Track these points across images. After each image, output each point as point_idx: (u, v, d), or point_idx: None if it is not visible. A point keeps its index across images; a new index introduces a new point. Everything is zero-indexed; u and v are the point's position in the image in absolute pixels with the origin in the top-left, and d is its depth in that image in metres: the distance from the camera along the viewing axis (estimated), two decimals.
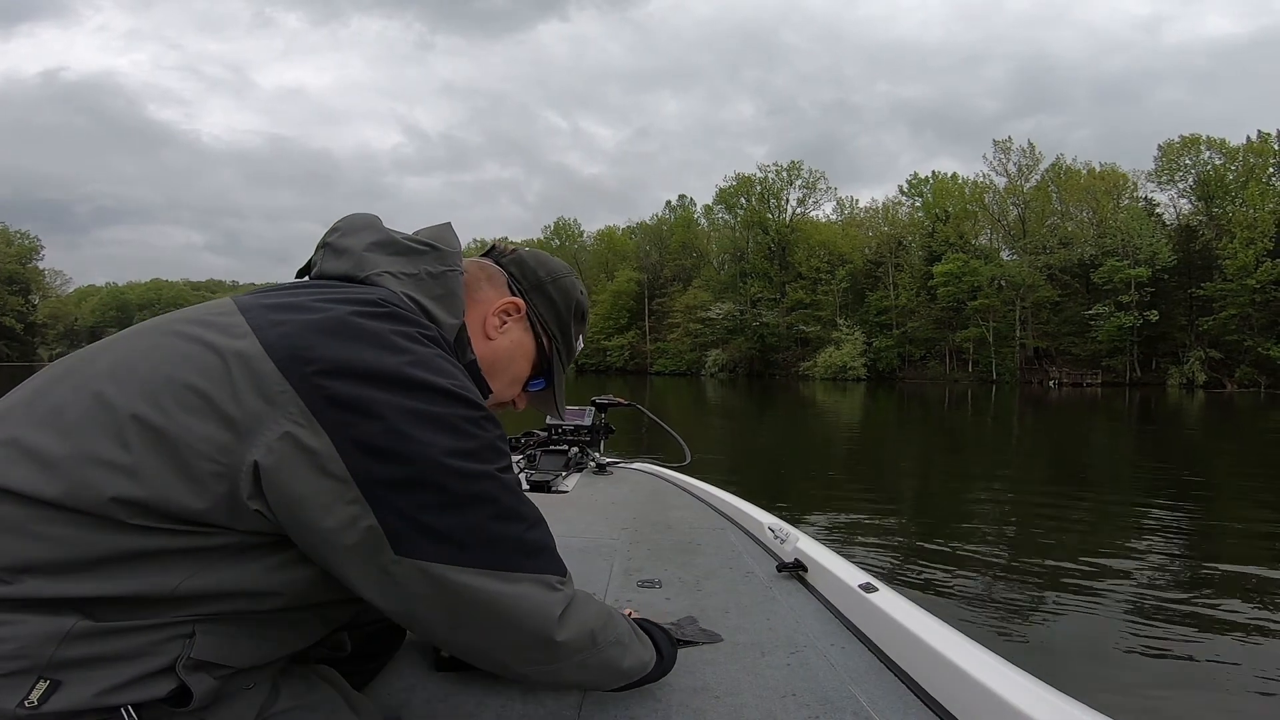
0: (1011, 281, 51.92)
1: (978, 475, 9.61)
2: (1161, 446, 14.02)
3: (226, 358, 0.72)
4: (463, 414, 0.76)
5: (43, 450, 0.69)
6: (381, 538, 0.71)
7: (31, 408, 0.74)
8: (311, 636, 0.84)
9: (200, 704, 0.72)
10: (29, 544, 0.67)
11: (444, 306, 0.90)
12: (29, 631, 0.65)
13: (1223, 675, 3.17)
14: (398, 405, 0.72)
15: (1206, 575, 4.67)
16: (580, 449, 3.11)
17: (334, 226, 0.97)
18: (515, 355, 1.06)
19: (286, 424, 0.69)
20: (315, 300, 0.79)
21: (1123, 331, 47.46)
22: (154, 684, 0.70)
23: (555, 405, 1.15)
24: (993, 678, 0.95)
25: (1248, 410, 25.56)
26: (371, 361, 0.73)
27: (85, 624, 0.67)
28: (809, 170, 66.47)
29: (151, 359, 0.74)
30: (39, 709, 0.65)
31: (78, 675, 0.67)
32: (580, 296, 1.13)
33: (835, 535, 5.63)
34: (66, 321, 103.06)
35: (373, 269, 0.89)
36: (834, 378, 54.23)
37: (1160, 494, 7.82)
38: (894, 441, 14.89)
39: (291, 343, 0.72)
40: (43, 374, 0.79)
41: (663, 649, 1.08)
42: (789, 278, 63.09)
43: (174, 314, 0.83)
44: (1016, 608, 4.03)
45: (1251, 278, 43.08)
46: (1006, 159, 55.91)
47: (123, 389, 0.72)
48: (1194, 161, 50.37)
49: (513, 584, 0.77)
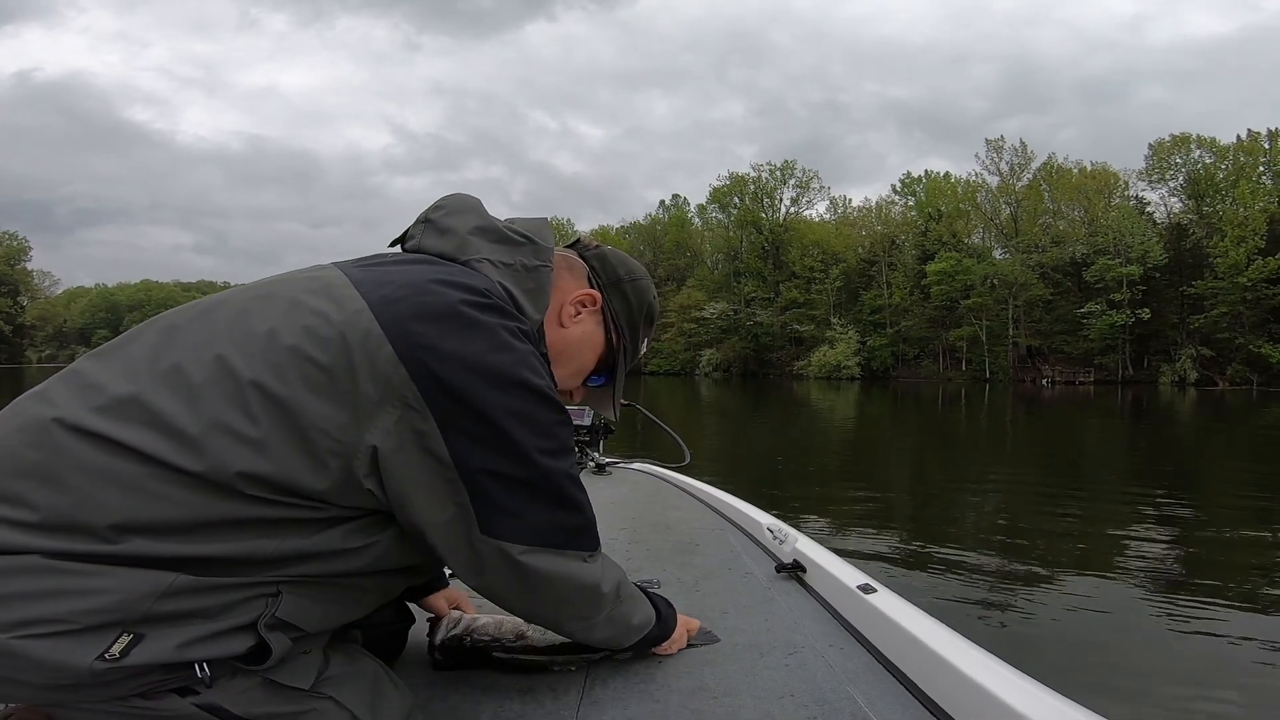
0: (1004, 280, 52.12)
1: (974, 475, 9.63)
2: (1155, 444, 14.09)
3: (347, 334, 0.75)
4: (552, 416, 0.84)
5: (170, 414, 0.71)
6: (472, 517, 0.80)
7: (154, 365, 0.75)
8: (370, 605, 0.90)
9: (273, 663, 0.76)
10: (143, 503, 0.69)
11: (532, 300, 0.92)
12: (129, 585, 0.67)
13: (1222, 674, 3.18)
14: (501, 402, 0.79)
15: (1202, 574, 4.68)
16: (580, 449, 3.12)
17: (437, 204, 0.98)
18: (584, 346, 1.08)
19: (402, 409, 0.75)
20: (426, 280, 0.82)
21: (1115, 330, 47.74)
22: (234, 640, 0.73)
23: (612, 403, 1.17)
24: (990, 678, 0.96)
25: (1239, 408, 25.71)
26: (482, 355, 0.78)
27: (185, 579, 0.70)
28: (802, 169, 66.88)
29: (270, 323, 0.77)
30: (120, 661, 0.67)
31: (164, 629, 0.69)
32: (653, 300, 1.15)
33: (833, 535, 5.63)
34: (55, 323, 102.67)
35: (474, 253, 0.91)
36: (828, 377, 54.35)
37: (1154, 493, 7.85)
38: (890, 441, 14.91)
39: (407, 327, 0.76)
40: (152, 327, 0.81)
41: (660, 608, 1.16)
42: (783, 277, 63.29)
43: (282, 276, 0.87)
44: (1015, 608, 4.03)
45: (1242, 276, 43.37)
46: (999, 158, 56.28)
47: (245, 355, 0.75)
48: (1184, 160, 50.73)
49: (568, 560, 0.89)
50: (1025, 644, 3.53)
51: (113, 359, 0.78)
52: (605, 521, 2.18)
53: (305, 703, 0.81)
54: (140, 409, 0.72)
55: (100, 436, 0.70)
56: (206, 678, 0.72)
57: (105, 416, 0.71)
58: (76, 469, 0.69)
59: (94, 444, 0.70)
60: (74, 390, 0.75)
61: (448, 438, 0.77)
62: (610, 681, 1.13)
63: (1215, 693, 3.00)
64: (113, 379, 0.75)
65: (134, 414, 0.71)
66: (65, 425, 0.71)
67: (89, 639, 0.66)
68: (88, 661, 0.66)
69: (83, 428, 0.71)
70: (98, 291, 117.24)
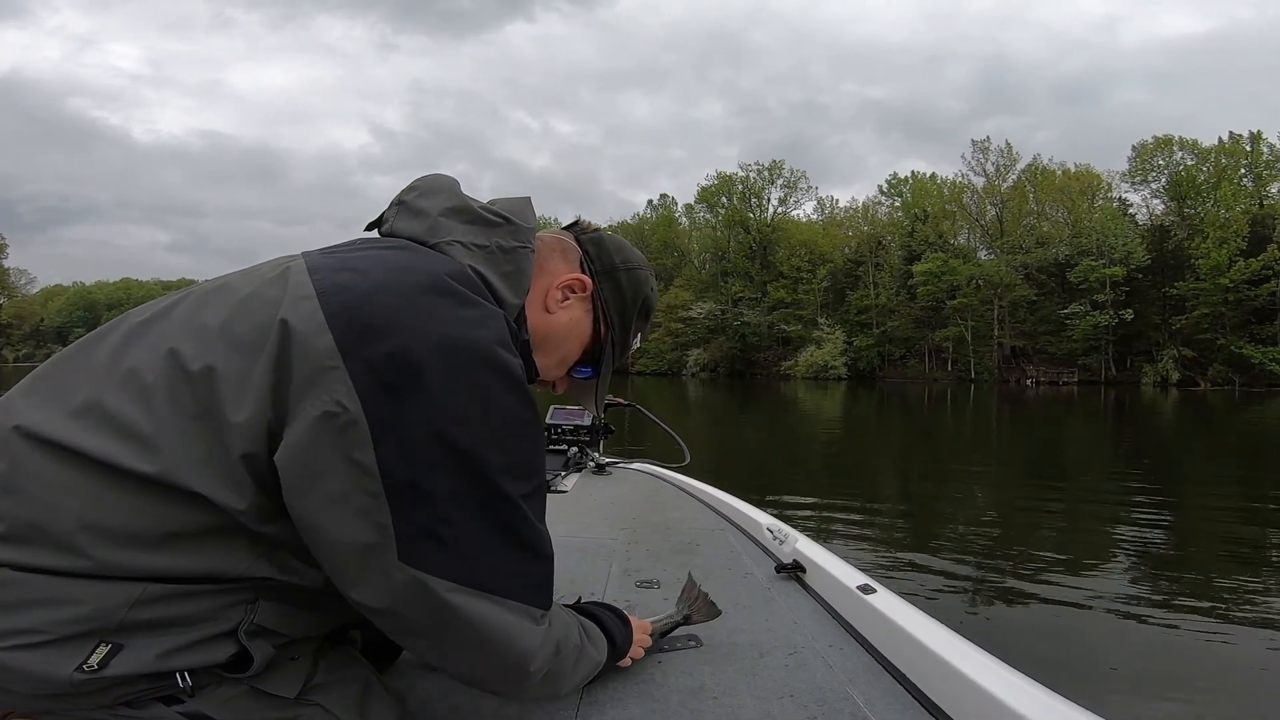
0: (989, 281, 52.49)
1: (970, 475, 9.68)
2: (1140, 444, 14.19)
3: (291, 324, 0.70)
4: (515, 425, 0.74)
5: (126, 417, 0.69)
6: (391, 539, 0.69)
7: (113, 367, 0.72)
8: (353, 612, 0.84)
9: (256, 670, 0.73)
10: (105, 513, 0.67)
11: (509, 284, 0.86)
12: (101, 595, 0.66)
13: (1220, 673, 3.20)
14: (451, 404, 0.70)
15: (1202, 574, 4.70)
16: (579, 449, 3.12)
17: (411, 185, 0.94)
18: (570, 335, 1.00)
19: (329, 403, 0.67)
20: (383, 265, 0.76)
21: (1098, 330, 48.20)
22: (215, 648, 0.71)
23: (595, 398, 1.09)
24: (990, 679, 0.96)
25: (1221, 408, 25.97)
26: (435, 348, 0.70)
27: (157, 588, 0.67)
28: (790, 170, 66.99)
29: (222, 315, 0.73)
30: (99, 672, 0.65)
31: (142, 639, 0.67)
32: (650, 293, 1.08)
33: (831, 535, 5.63)
34: (32, 322, 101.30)
35: (444, 236, 0.86)
36: (815, 377, 54.50)
37: (1142, 490, 7.93)
38: (881, 441, 14.95)
39: (352, 316, 0.70)
40: (118, 328, 0.78)
41: (616, 638, 1.06)
42: (770, 277, 63.40)
43: (246, 269, 0.83)
44: (1014, 608, 4.04)
45: (1224, 277, 43.88)
46: (985, 159, 56.72)
47: (197, 347, 0.71)
48: (1167, 162, 51.26)
49: (506, 613, 0.75)
50: (1025, 644, 3.54)
51: (76, 363, 0.75)
52: (605, 521, 2.22)
53: (291, 710, 0.77)
54: (100, 414, 0.69)
55: (59, 445, 0.68)
56: (188, 687, 0.70)
57: (65, 424, 0.69)
58: (36, 479, 0.67)
59: (52, 453, 0.67)
60: (36, 397, 0.73)
61: (377, 440, 0.67)
62: (610, 681, 1.12)
63: (1216, 692, 3.02)
64: (74, 385, 0.72)
65: (93, 420, 0.69)
66: (24, 434, 0.68)
67: (67, 649, 0.65)
68: (67, 672, 0.65)
69: (42, 436, 0.68)
70: (75, 290, 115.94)
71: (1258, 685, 3.10)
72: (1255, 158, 48.55)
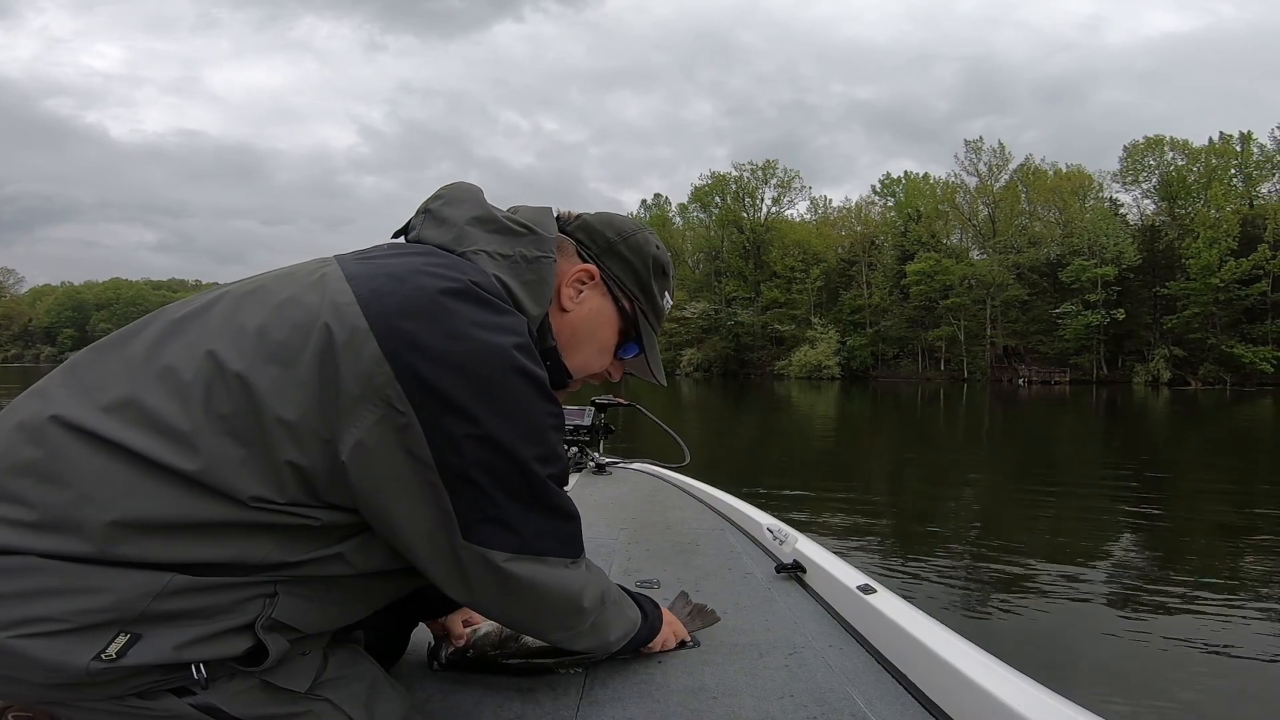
0: (982, 280, 52.66)
1: (966, 474, 9.72)
2: (1131, 442, 14.26)
3: (333, 330, 0.73)
4: (542, 419, 0.80)
5: (164, 414, 0.71)
6: (455, 523, 0.77)
7: (150, 364, 0.74)
8: (371, 607, 0.88)
9: (271, 664, 0.76)
10: (138, 503, 0.68)
11: (532, 294, 0.88)
12: (126, 585, 0.67)
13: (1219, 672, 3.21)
14: (488, 402, 0.75)
15: (1202, 572, 4.73)
16: (580, 449, 3.12)
17: (437, 193, 0.96)
18: (597, 323, 1.01)
19: (384, 408, 0.72)
20: (416, 272, 0.79)
21: (1089, 330, 48.41)
22: (232, 641, 0.73)
23: (651, 369, 1.10)
24: (989, 678, 0.96)
25: (1212, 407, 26.14)
26: (471, 353, 0.75)
27: (181, 579, 0.69)
28: (784, 169, 66.99)
29: (260, 319, 0.75)
30: (116, 662, 0.67)
31: (161, 629, 0.69)
32: (657, 251, 1.07)
33: (829, 535, 5.64)
34: (21, 322, 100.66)
35: (470, 245, 0.88)
36: (808, 376, 54.54)
37: (1141, 490, 7.97)
38: (877, 441, 14.97)
39: (393, 323, 0.73)
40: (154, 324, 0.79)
41: (646, 608, 1.16)
42: (764, 277, 63.40)
43: (280, 270, 0.85)
44: (1014, 608, 4.06)
45: (1215, 277, 44.11)
46: (977, 159, 56.83)
47: (236, 350, 0.73)
48: (1158, 162, 51.48)
49: (553, 568, 0.86)
50: (1024, 644, 3.55)
51: (112, 355, 0.77)
52: (605, 521, 2.22)
53: (302, 704, 0.80)
54: (136, 409, 0.71)
55: (97, 436, 0.70)
56: (203, 679, 0.72)
57: (103, 416, 0.71)
58: (73, 467, 0.69)
59: (91, 443, 0.69)
60: (73, 388, 0.74)
61: (431, 439, 0.73)
62: (610, 682, 1.13)
63: (1214, 691, 3.03)
64: (111, 377, 0.74)
65: (130, 414, 0.71)
66: (62, 423, 0.70)
67: (86, 638, 0.66)
68: (84, 661, 0.66)
69: (80, 426, 0.70)
70: (64, 290, 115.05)
71: (1258, 685, 3.11)
72: (1246, 158, 48.88)
